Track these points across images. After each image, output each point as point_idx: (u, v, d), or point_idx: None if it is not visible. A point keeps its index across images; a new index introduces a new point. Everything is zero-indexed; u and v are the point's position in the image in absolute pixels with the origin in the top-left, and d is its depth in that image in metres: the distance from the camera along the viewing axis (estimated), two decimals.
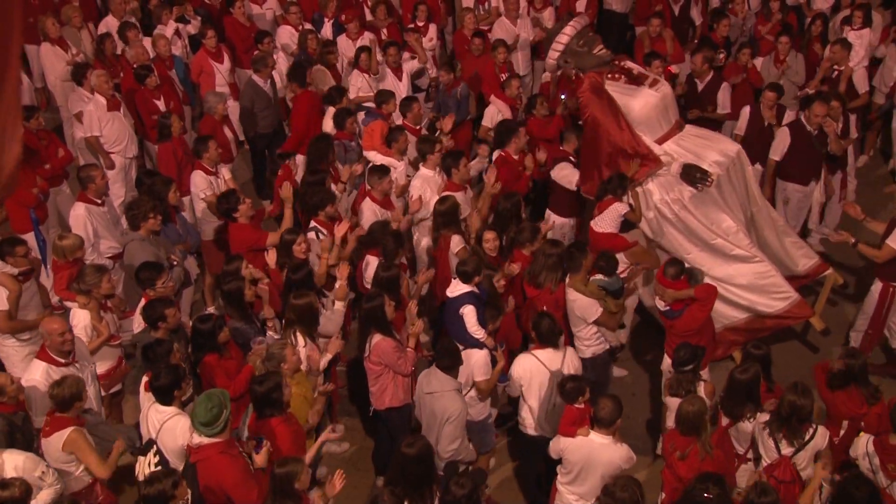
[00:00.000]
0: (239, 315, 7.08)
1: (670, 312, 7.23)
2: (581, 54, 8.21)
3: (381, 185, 8.33)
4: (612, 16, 12.77)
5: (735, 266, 7.98)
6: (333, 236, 7.74)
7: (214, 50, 10.88)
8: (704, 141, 8.33)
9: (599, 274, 7.36)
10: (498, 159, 8.87)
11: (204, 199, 8.66)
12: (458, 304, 7.09)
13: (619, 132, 7.91)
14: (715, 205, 8.01)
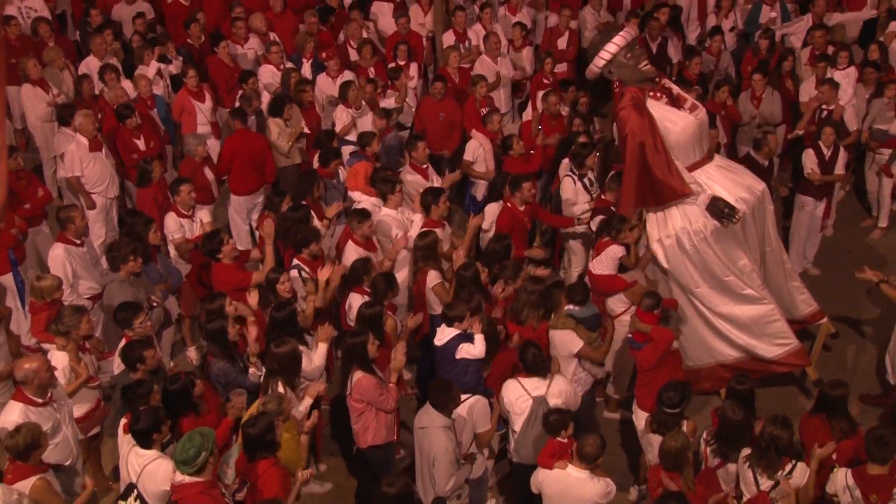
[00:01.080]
0: (222, 354, 7.03)
1: (634, 343, 7.25)
2: (627, 67, 7.81)
3: (361, 229, 8.35)
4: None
5: (741, 306, 7.90)
6: (327, 269, 7.73)
7: (196, 89, 10.92)
8: (732, 174, 8.13)
9: (570, 304, 7.36)
10: (503, 211, 8.89)
11: (172, 241, 8.64)
12: (449, 350, 7.04)
13: (655, 154, 7.63)
14: (735, 241, 7.87)
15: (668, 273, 7.97)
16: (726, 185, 7.92)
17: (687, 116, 7.83)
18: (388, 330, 7.34)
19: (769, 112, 10.66)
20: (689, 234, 7.76)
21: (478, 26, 12.40)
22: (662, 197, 7.76)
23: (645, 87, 7.81)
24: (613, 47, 7.71)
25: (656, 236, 7.93)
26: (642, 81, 7.80)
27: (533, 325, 7.37)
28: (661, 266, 7.98)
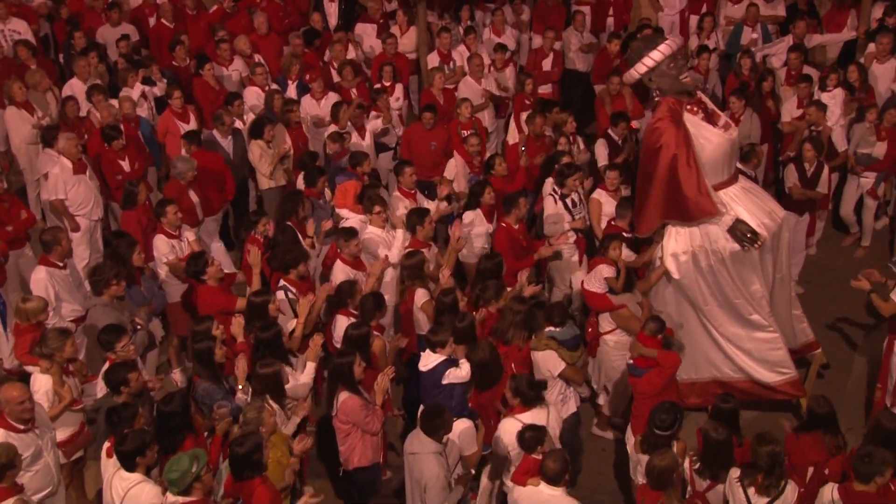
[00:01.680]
0: (208, 375, 6.99)
1: (635, 368, 7.16)
2: (668, 77, 7.61)
3: (348, 248, 8.35)
4: (574, 74, 13.03)
5: (746, 330, 7.89)
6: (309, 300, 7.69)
7: (181, 111, 10.93)
8: (756, 198, 8.01)
9: (549, 326, 7.36)
10: (500, 230, 8.90)
11: (166, 262, 8.62)
12: (435, 375, 7.02)
13: (687, 170, 7.49)
14: (750, 266, 7.77)
15: (678, 287, 7.93)
16: (750, 208, 7.80)
17: (721, 134, 7.71)
18: (375, 351, 7.32)
19: (747, 134, 10.74)
20: (707, 253, 7.71)
21: (462, 47, 12.48)
22: (688, 214, 7.67)
23: (682, 99, 7.69)
24: (658, 55, 7.53)
25: (672, 250, 7.85)
26: (680, 93, 7.67)
27: (519, 345, 7.36)
28: (671, 279, 7.94)
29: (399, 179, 9.60)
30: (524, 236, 9.04)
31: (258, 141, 10.25)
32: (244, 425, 6.29)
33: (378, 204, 8.75)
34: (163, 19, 13.37)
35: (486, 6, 14.10)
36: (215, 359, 7.02)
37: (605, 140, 10.38)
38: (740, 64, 11.73)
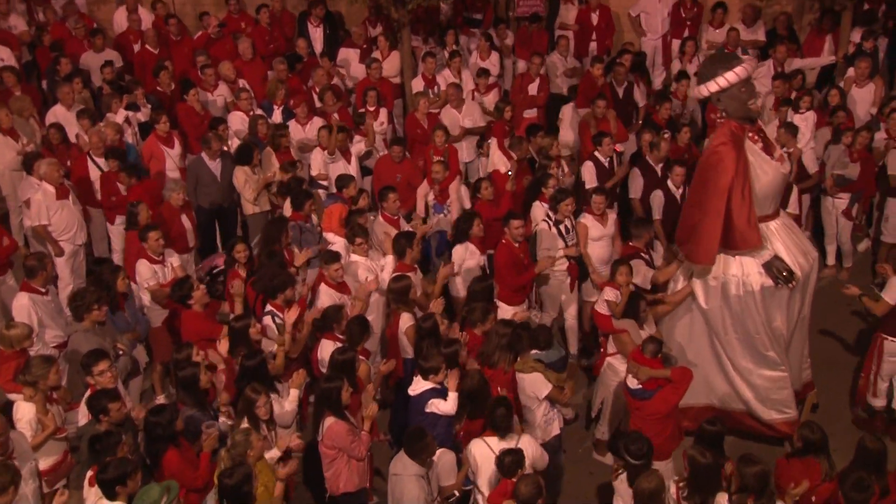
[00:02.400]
0: (193, 402, 6.95)
1: (642, 392, 7.06)
2: (737, 100, 7.35)
3: (329, 271, 8.35)
4: (559, 98, 13.10)
5: (758, 365, 7.79)
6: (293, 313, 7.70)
7: (165, 135, 10.93)
8: (793, 236, 7.86)
9: (534, 349, 7.34)
10: (500, 247, 8.90)
11: (148, 288, 8.59)
12: (421, 402, 7.00)
13: (740, 199, 7.28)
14: (778, 303, 7.65)
15: (699, 310, 7.85)
16: (788, 245, 7.68)
17: (777, 167, 7.56)
18: (361, 375, 7.30)
19: None
20: (739, 284, 7.59)
21: (447, 72, 12.55)
22: (731, 243, 7.51)
23: (746, 126, 7.49)
24: (734, 77, 7.26)
25: (702, 273, 7.76)
26: (745, 119, 7.47)
27: (504, 368, 7.34)
28: (694, 302, 7.86)
29: (383, 205, 9.61)
30: (525, 254, 9.02)
31: (243, 167, 10.27)
32: (232, 448, 6.25)
33: (360, 235, 8.76)
34: (147, 45, 13.42)
35: (471, 31, 14.22)
36: (200, 385, 6.98)
37: (592, 162, 10.43)
38: None
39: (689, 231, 7.70)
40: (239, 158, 10.37)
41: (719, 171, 7.27)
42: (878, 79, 12.00)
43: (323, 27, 13.93)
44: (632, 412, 7.25)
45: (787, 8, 13.98)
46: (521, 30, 13.95)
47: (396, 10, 12.46)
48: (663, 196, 9.80)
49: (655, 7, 13.82)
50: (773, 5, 13.60)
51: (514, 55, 14.00)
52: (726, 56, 7.58)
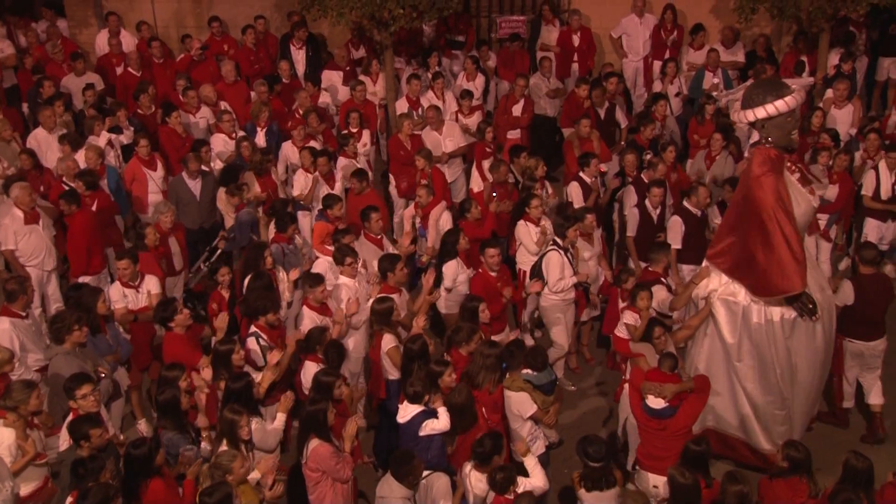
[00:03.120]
0: (174, 425, 6.88)
1: (668, 410, 6.97)
2: (782, 130, 7.22)
3: (314, 293, 8.33)
4: (542, 119, 13.19)
5: (765, 395, 7.69)
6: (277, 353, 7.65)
7: (148, 158, 10.90)
8: (812, 269, 7.69)
9: (528, 369, 7.32)
10: (476, 277, 8.90)
11: (114, 310, 8.54)
12: (413, 427, 6.95)
13: (776, 229, 7.18)
14: (799, 336, 7.54)
15: (717, 333, 7.77)
16: (808, 279, 7.51)
17: (810, 200, 7.49)
18: (343, 398, 7.26)
19: (720, 172, 10.92)
20: (761, 312, 7.49)
21: (431, 94, 12.60)
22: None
23: (785, 156, 7.38)
24: (784, 106, 7.11)
25: (725, 294, 7.68)
26: (784, 148, 7.37)
27: (489, 388, 7.32)
28: (714, 324, 7.77)
29: (366, 225, 9.61)
30: (503, 282, 8.95)
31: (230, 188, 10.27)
32: (213, 468, 6.19)
33: (349, 255, 8.75)
34: (130, 68, 13.41)
35: (453, 53, 14.30)
36: (180, 408, 6.92)
37: (578, 182, 10.47)
38: (704, 109, 11.96)
39: (750, 266, 7.46)
40: (224, 181, 10.32)
41: (768, 203, 7.13)
42: (856, 100, 12.15)
43: (306, 49, 13.96)
44: (651, 434, 7.07)
45: (765, 30, 14.16)
46: (503, 51, 14.05)
47: (379, 33, 12.52)
48: (639, 214, 9.87)
49: (637, 29, 13.97)
50: (751, 27, 13.76)
51: (497, 76, 14.09)
52: (776, 84, 7.41)
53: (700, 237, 9.51)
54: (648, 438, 7.08)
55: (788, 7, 12.10)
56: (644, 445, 7.15)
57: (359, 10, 11.90)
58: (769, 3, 12.31)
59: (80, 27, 15.80)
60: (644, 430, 7.11)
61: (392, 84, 12.98)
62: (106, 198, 10.49)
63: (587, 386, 9.57)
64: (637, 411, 7.11)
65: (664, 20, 13.81)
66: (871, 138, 10.92)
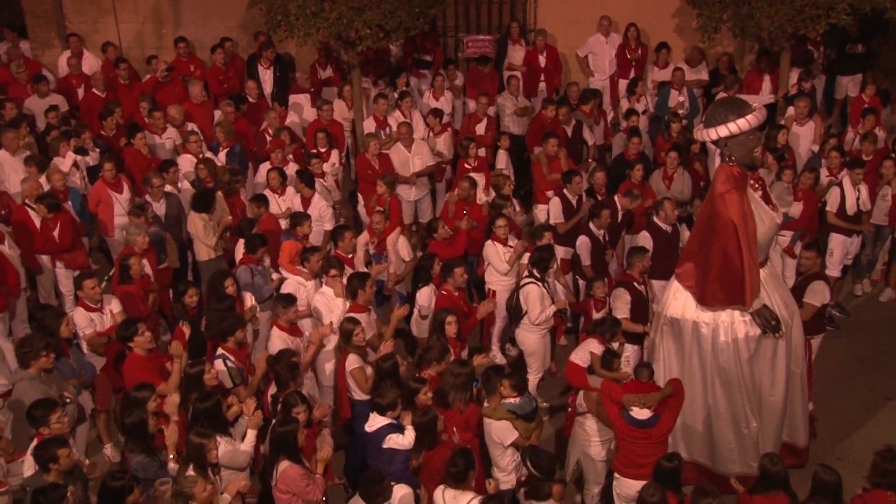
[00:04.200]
0: (141, 448, 6.78)
1: (652, 419, 7.00)
2: (745, 147, 7.24)
3: (286, 314, 8.26)
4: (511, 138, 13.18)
5: (734, 417, 7.69)
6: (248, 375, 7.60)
7: (113, 180, 10.79)
8: (778, 285, 7.82)
9: (510, 396, 7.26)
10: (440, 297, 8.89)
11: (84, 337, 8.43)
12: (378, 438, 6.93)
13: (735, 246, 7.23)
14: (764, 354, 7.60)
15: (681, 348, 7.79)
16: (772, 295, 7.60)
17: (773, 216, 7.54)
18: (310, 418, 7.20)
19: (679, 190, 11.04)
20: (728, 330, 7.52)
21: (398, 113, 12.62)
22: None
23: (747, 173, 7.43)
24: (745, 124, 7.12)
25: (694, 316, 7.66)
26: (747, 166, 7.40)
27: (460, 408, 7.31)
28: (683, 348, 7.76)
29: (338, 244, 9.58)
30: (465, 302, 9.03)
31: (201, 214, 10.16)
32: (176, 496, 6.10)
33: (335, 267, 8.71)
34: (94, 89, 13.28)
35: (421, 72, 14.34)
36: (147, 431, 6.82)
37: (560, 199, 10.45)
38: (669, 126, 12.09)
39: (705, 280, 7.53)
40: (196, 205, 10.25)
41: (733, 216, 7.17)
42: (816, 117, 12.36)
43: (273, 69, 13.94)
44: (634, 444, 7.06)
45: (728, 48, 14.39)
46: (470, 71, 14.12)
47: (346, 52, 12.54)
48: (589, 241, 9.95)
49: (602, 48, 14.11)
50: (714, 46, 13.97)
51: (465, 96, 14.15)
52: (738, 102, 7.47)
53: (670, 253, 9.55)
54: (631, 448, 7.08)
55: (750, 26, 12.29)
56: (625, 455, 7.14)
57: (325, 29, 11.90)
58: (731, 23, 12.51)
59: (42, 48, 15.65)
60: (626, 441, 7.09)
61: (360, 104, 12.99)
62: (70, 220, 10.34)
63: (556, 397, 9.54)
64: (620, 424, 7.08)
65: (628, 38, 13.98)
66: (834, 156, 11.09)
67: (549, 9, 14.84)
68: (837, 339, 10.39)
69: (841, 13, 11.76)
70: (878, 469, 6.41)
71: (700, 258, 7.54)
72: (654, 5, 14.53)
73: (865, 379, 9.67)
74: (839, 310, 10.89)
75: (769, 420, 7.81)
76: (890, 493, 6.34)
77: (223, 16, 15.04)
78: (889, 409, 9.20)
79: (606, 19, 14.06)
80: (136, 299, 8.92)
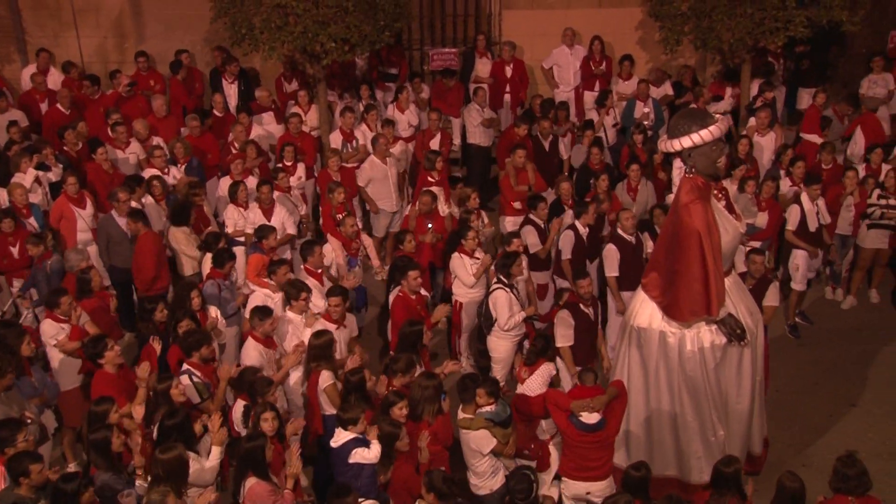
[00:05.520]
0: (106, 466, 6.68)
1: (601, 422, 7.05)
2: (708, 158, 7.26)
3: (262, 327, 8.20)
4: (475, 149, 13.29)
5: (702, 425, 7.69)
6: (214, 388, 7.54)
7: (76, 196, 10.66)
8: (742, 294, 7.87)
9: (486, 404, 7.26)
10: (396, 299, 8.87)
11: (55, 344, 8.31)
12: (344, 452, 6.89)
13: (699, 256, 7.25)
14: (730, 363, 7.62)
15: (643, 360, 7.79)
16: (737, 304, 7.63)
17: (737, 226, 7.60)
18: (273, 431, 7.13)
19: (644, 201, 11.13)
20: (694, 339, 7.54)
21: (364, 126, 12.60)
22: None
23: (711, 184, 7.47)
24: (708, 135, 7.16)
25: (661, 325, 7.66)
26: (710, 176, 7.42)
27: (429, 420, 7.29)
28: (648, 359, 7.75)
29: (307, 258, 9.54)
30: (422, 306, 9.04)
31: (182, 227, 10.13)
32: None
33: (304, 290, 8.68)
34: (59, 105, 13.11)
35: (386, 85, 14.35)
36: (112, 448, 6.71)
37: (532, 226, 10.35)
38: (634, 138, 12.21)
39: (670, 290, 7.55)
40: (175, 219, 10.20)
41: (697, 227, 7.19)
42: (777, 127, 12.54)
43: (238, 83, 13.88)
44: (583, 449, 7.12)
45: (689, 61, 14.57)
46: (436, 83, 14.15)
47: (312, 66, 12.52)
48: (573, 236, 9.99)
49: (567, 60, 14.22)
50: (677, 58, 14.14)
51: (430, 108, 14.15)
52: (701, 114, 7.56)
53: (636, 263, 9.61)
54: (580, 453, 7.16)
55: (711, 39, 12.47)
56: (572, 460, 7.22)
57: (290, 43, 11.87)
58: (693, 35, 12.68)
59: (1, 63, 15.46)
60: (576, 445, 7.18)
61: (326, 117, 12.95)
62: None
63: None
64: (570, 430, 7.17)
65: (592, 51, 14.10)
66: (799, 166, 11.21)
67: (514, 22, 14.95)
68: (802, 347, 10.54)
69: (799, 26, 12.02)
70: (838, 474, 6.48)
71: (665, 268, 7.60)
72: (617, 18, 14.71)
73: (830, 386, 9.78)
74: (802, 317, 11.02)
75: (735, 428, 7.86)
76: (851, 497, 6.41)
77: (187, 29, 14.97)
78: (853, 415, 9.31)
79: (570, 31, 14.19)
80: (100, 312, 8.82)
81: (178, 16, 15.02)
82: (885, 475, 7.13)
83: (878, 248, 11.12)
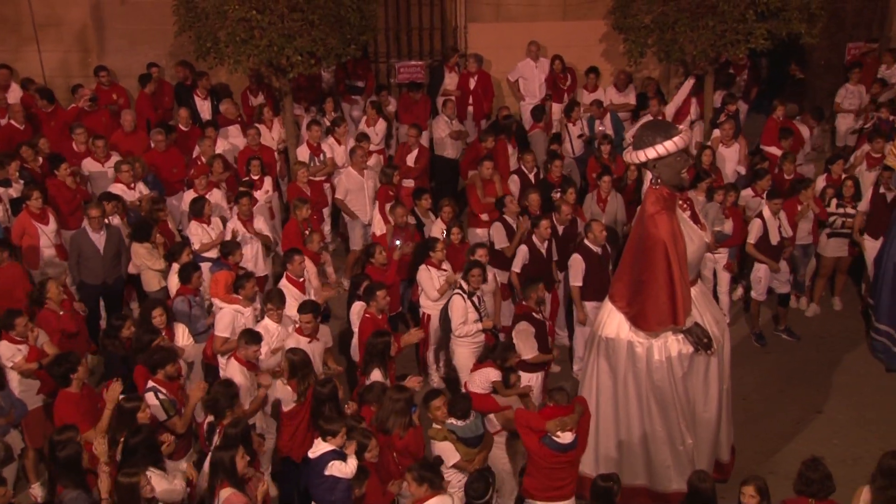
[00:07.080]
0: (74, 484, 6.59)
1: (574, 441, 7.02)
2: (672, 169, 7.34)
3: (247, 351, 8.11)
4: (445, 161, 13.31)
5: (670, 435, 7.75)
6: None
7: (39, 212, 10.52)
8: (706, 301, 7.95)
9: (452, 418, 7.30)
10: (363, 321, 8.84)
11: (13, 367, 8.17)
12: (320, 464, 6.86)
13: (665, 266, 7.31)
14: (696, 371, 7.69)
15: (613, 369, 7.82)
16: (703, 313, 7.71)
17: (702, 235, 7.68)
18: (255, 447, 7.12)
19: (613, 212, 11.21)
20: (661, 348, 7.60)
21: (331, 139, 12.58)
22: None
23: (676, 194, 7.55)
24: (672, 146, 7.23)
25: (629, 335, 7.70)
26: (676, 188, 7.51)
27: (399, 433, 7.27)
28: (617, 361, 7.77)
29: (288, 267, 9.50)
30: (389, 326, 9.01)
31: (144, 244, 10.06)
32: None
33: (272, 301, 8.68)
34: (12, 120, 12.89)
35: (353, 98, 14.34)
36: (82, 466, 6.66)
37: (502, 223, 10.49)
38: (600, 149, 12.30)
39: (636, 300, 7.60)
40: (137, 236, 10.14)
41: (663, 237, 7.26)
42: (741, 139, 12.71)
43: (211, 99, 13.81)
44: (554, 470, 7.08)
45: (653, 73, 14.74)
46: (402, 96, 14.17)
47: (278, 79, 12.48)
48: (527, 249, 10.01)
49: (532, 73, 14.31)
50: (641, 70, 14.30)
51: (398, 121, 14.18)
52: (665, 125, 7.66)
53: (602, 274, 9.68)
54: (551, 473, 7.07)
55: (674, 51, 12.63)
56: (540, 480, 7.12)
57: (256, 56, 11.83)
58: (656, 47, 12.83)
59: None
60: (546, 467, 7.08)
61: (292, 130, 12.92)
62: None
63: None
64: (542, 451, 7.04)
65: (554, 70, 14.20)
66: (766, 178, 11.30)
67: (479, 35, 15.03)
68: (767, 355, 10.67)
69: (759, 38, 12.21)
70: (802, 478, 6.57)
71: (631, 278, 7.65)
72: (581, 31, 14.86)
73: (795, 393, 9.90)
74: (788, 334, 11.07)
75: (703, 436, 7.93)
76: (812, 501, 6.50)
77: (151, 44, 14.83)
78: (819, 421, 9.43)
79: (535, 44, 14.28)
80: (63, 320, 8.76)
81: (141, 30, 14.88)
82: (850, 481, 7.21)
83: (838, 257, 11.31)
